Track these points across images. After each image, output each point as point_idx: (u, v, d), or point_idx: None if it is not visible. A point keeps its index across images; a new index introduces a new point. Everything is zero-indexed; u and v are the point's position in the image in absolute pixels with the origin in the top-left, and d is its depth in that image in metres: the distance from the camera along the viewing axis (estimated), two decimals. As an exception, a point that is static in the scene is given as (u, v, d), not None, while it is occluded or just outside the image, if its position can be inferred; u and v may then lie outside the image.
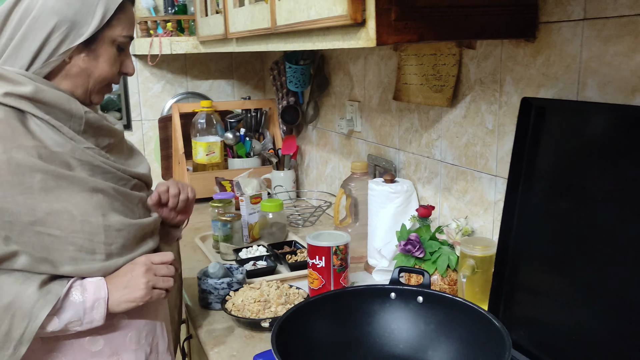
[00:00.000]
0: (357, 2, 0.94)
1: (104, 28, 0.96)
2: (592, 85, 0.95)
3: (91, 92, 1.00)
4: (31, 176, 0.88)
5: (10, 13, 0.92)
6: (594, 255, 0.91)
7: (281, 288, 1.24)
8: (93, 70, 0.98)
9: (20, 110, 0.90)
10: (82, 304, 0.91)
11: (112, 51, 0.99)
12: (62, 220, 0.89)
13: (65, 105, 0.94)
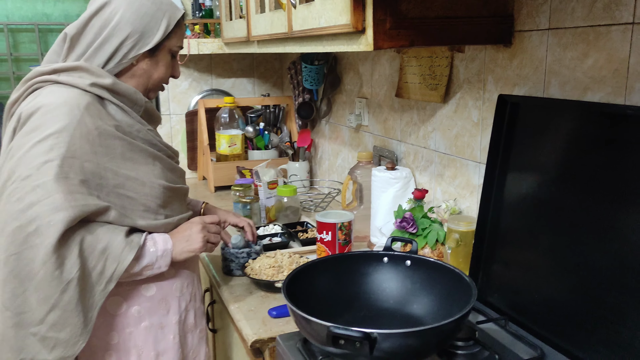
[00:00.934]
0: (358, 14, 1.13)
1: (165, 39, 1.20)
2: (554, 84, 1.13)
3: (149, 90, 1.25)
4: (114, 145, 1.11)
5: (91, 20, 1.15)
6: (557, 229, 1.08)
7: (293, 257, 1.44)
8: (153, 73, 1.22)
9: (100, 97, 1.14)
10: (155, 252, 1.15)
11: (168, 58, 1.24)
12: (136, 185, 1.13)
13: (133, 96, 1.19)
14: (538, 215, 1.14)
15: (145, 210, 1.15)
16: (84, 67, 1.14)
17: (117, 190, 1.11)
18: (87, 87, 1.11)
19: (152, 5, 1.17)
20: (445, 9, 1.16)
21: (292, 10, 1.45)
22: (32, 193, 1.01)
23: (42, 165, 1.02)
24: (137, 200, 1.14)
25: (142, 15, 1.16)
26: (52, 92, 1.11)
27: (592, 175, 1.01)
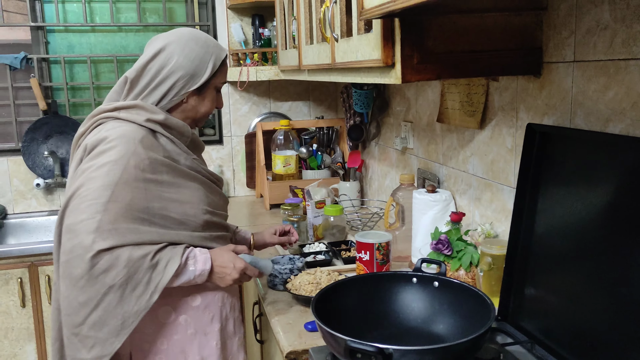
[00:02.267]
0: (388, 50, 1.22)
1: (211, 77, 1.37)
2: (580, 114, 1.16)
3: (197, 121, 1.42)
4: (162, 171, 1.27)
5: (148, 64, 1.32)
6: (588, 255, 1.10)
7: (332, 275, 1.53)
8: (200, 108, 1.39)
9: (154, 130, 1.31)
10: (194, 271, 1.28)
11: (214, 93, 1.41)
12: (178, 206, 1.29)
13: (181, 129, 1.36)
14: (569, 241, 1.17)
15: (186, 229, 1.30)
16: (141, 105, 1.31)
17: (161, 211, 1.26)
18: (143, 122, 1.29)
19: (200, 49, 1.34)
20: (471, 43, 1.22)
21: (334, 44, 1.56)
22: (85, 210, 1.18)
23: (98, 188, 1.19)
24: (179, 220, 1.29)
25: (192, 59, 1.33)
26: (113, 127, 1.28)
27: (618, 205, 1.03)
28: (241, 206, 2.70)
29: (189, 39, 1.34)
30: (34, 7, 2.64)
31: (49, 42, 2.71)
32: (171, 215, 1.28)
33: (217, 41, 1.43)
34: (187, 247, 1.29)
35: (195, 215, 1.32)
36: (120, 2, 2.74)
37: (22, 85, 2.65)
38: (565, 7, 1.17)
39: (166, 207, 1.27)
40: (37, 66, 2.62)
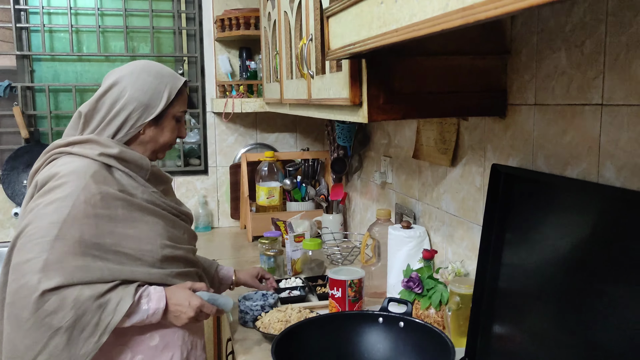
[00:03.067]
0: (355, 89, 1.24)
1: (168, 107, 1.37)
2: (540, 157, 1.18)
3: (157, 152, 1.40)
4: (116, 206, 1.25)
5: (101, 99, 1.33)
6: (553, 298, 1.10)
7: (302, 312, 1.52)
8: (159, 138, 1.38)
9: (109, 165, 1.29)
10: (147, 311, 1.25)
11: (173, 123, 1.39)
12: (133, 242, 1.26)
13: (139, 162, 1.34)
14: (534, 282, 1.17)
15: (143, 265, 1.27)
16: (94, 139, 1.30)
17: (113, 247, 1.24)
18: (96, 156, 1.27)
19: (154, 80, 1.34)
20: (437, 84, 1.24)
21: (310, 80, 1.58)
22: (31, 250, 1.16)
23: (46, 225, 1.17)
24: (134, 256, 1.26)
25: (145, 90, 1.33)
26: (65, 162, 1.27)
27: (578, 247, 1.04)
28: (224, 237, 2.70)
29: (142, 71, 1.35)
30: (20, 36, 2.67)
31: (34, 70, 2.74)
32: (125, 251, 1.25)
33: (173, 71, 1.43)
34: (140, 285, 1.26)
35: (152, 250, 1.29)
36: (108, 32, 2.78)
37: (5, 113, 2.66)
38: (526, 51, 1.19)
39: (119, 243, 1.25)
40: (21, 94, 2.64)
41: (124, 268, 1.24)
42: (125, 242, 1.25)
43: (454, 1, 0.65)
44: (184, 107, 1.43)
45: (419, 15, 0.75)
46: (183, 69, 2.88)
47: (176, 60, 2.88)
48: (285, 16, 1.88)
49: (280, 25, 1.97)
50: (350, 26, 1.03)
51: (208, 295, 1.33)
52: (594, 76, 1.00)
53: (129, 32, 2.77)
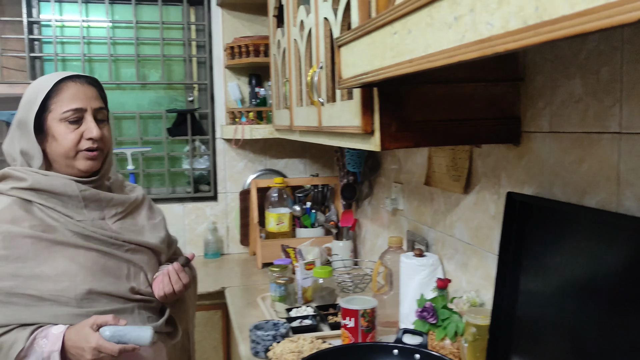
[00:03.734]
0: (367, 118, 1.23)
1: (45, 113, 1.25)
2: (557, 185, 1.16)
3: (69, 165, 1.27)
4: (21, 245, 1.18)
5: None
6: (572, 328, 1.08)
7: (314, 342, 1.49)
8: (58, 148, 1.25)
9: (27, 199, 1.22)
10: (41, 354, 1.15)
11: (62, 128, 1.24)
12: (40, 282, 1.18)
13: (59, 189, 1.23)
14: (551, 311, 1.14)
15: (53, 305, 1.18)
16: (8, 173, 1.25)
17: (15, 290, 1.16)
18: (8, 191, 1.22)
19: (31, 91, 1.26)
20: (450, 112, 1.23)
21: (321, 107, 1.58)
22: None
23: None
24: (41, 297, 1.18)
25: (22, 106, 1.26)
26: None
27: (596, 276, 1.02)
28: (234, 264, 2.68)
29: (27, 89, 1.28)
30: (33, 65, 2.71)
31: (49, 100, 2.77)
32: (30, 292, 1.17)
33: (58, 73, 1.30)
34: (40, 326, 1.17)
35: (67, 288, 1.19)
36: (119, 60, 2.80)
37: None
38: (540, 78, 1.18)
39: (23, 285, 1.17)
40: (36, 123, 2.66)
41: (23, 312, 1.16)
42: (32, 282, 1.18)
43: (471, 33, 0.65)
44: (73, 104, 1.25)
45: (434, 46, 0.75)
46: (193, 95, 2.90)
47: (186, 87, 2.90)
48: (295, 44, 1.89)
49: (290, 52, 1.98)
50: (362, 56, 1.03)
51: (112, 331, 1.15)
52: (611, 104, 0.99)
53: (140, 60, 2.80)
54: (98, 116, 1.30)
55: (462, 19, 0.66)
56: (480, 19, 0.62)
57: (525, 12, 0.54)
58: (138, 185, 1.50)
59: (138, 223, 1.38)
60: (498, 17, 0.59)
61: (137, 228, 1.37)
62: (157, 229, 1.44)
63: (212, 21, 2.81)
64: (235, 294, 2.17)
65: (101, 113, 1.31)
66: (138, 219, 1.39)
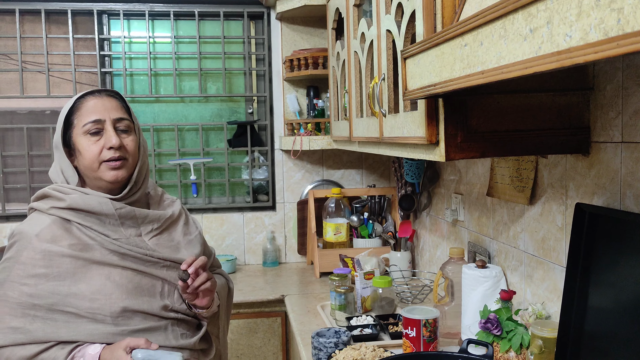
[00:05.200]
0: (432, 128, 1.24)
1: (69, 130, 1.31)
2: (629, 196, 1.13)
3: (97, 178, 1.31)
4: (60, 263, 1.23)
5: None
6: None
7: (377, 351, 1.50)
8: (83, 162, 1.30)
9: (66, 218, 1.27)
10: None
11: (85, 141, 1.29)
12: (78, 300, 1.23)
13: (96, 209, 1.27)
14: (623, 325, 1.12)
15: (91, 321, 1.23)
16: (47, 192, 1.30)
17: (54, 307, 1.21)
18: (48, 210, 1.27)
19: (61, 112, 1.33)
20: (516, 123, 1.23)
21: (382, 119, 1.60)
22: None
23: None
24: (78, 315, 1.22)
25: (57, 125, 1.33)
26: (29, 219, 1.30)
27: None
28: (292, 273, 2.72)
29: None
30: (104, 80, 2.85)
31: (118, 113, 2.90)
32: (68, 310, 1.22)
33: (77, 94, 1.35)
34: (79, 345, 1.21)
35: (102, 307, 1.23)
36: (183, 74, 2.92)
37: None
38: (611, 88, 1.17)
39: (62, 302, 1.21)
40: (106, 135, 2.80)
41: (62, 329, 1.20)
42: (70, 300, 1.22)
43: (548, 44, 0.66)
44: (91, 117, 1.29)
45: (507, 57, 0.76)
46: (253, 107, 2.98)
47: (246, 99, 2.98)
48: (355, 56, 1.92)
49: (349, 64, 2.01)
50: (429, 67, 1.05)
51: (144, 354, 1.18)
52: (688, 113, 0.97)
53: (202, 74, 2.90)
54: (119, 126, 1.32)
55: (538, 30, 0.67)
56: (558, 30, 0.62)
57: (606, 24, 0.55)
58: (177, 198, 1.53)
59: (174, 239, 1.40)
60: (577, 29, 0.59)
61: (173, 244, 1.39)
62: (192, 245, 1.44)
63: (271, 35, 2.88)
64: (295, 302, 2.21)
65: (122, 123, 1.33)
66: (174, 235, 1.41)
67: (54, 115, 2.85)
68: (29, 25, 2.78)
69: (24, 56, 2.75)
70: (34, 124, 2.78)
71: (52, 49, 2.80)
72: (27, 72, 2.78)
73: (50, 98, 2.80)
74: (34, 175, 2.81)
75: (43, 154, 2.80)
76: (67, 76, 2.82)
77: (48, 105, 2.85)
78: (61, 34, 2.80)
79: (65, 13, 2.74)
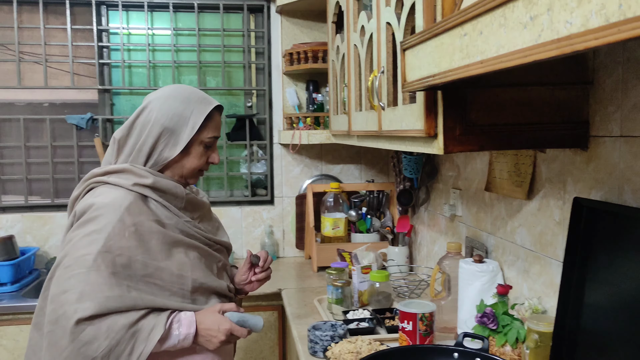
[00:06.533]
0: (430, 121, 1.24)
1: (195, 133, 1.35)
2: (627, 191, 1.13)
3: (186, 177, 1.40)
4: (149, 238, 1.27)
5: (133, 123, 1.36)
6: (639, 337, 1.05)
7: (372, 344, 1.50)
8: (185, 164, 1.37)
9: (144, 195, 1.32)
10: (178, 336, 1.27)
11: (200, 149, 1.38)
12: (165, 274, 1.29)
13: (173, 190, 1.35)
14: (620, 320, 1.12)
15: (173, 295, 1.30)
16: (129, 169, 1.32)
17: (145, 279, 1.26)
18: (131, 187, 1.29)
19: (180, 104, 1.34)
20: (515, 116, 1.22)
21: (381, 112, 1.59)
22: (67, 281, 1.19)
23: (81, 257, 1.21)
24: (164, 287, 1.28)
25: (171, 116, 1.33)
26: (102, 193, 1.30)
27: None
28: (290, 267, 2.71)
29: (169, 96, 1.35)
30: (102, 72, 2.84)
31: (114, 104, 2.90)
32: (156, 282, 1.27)
33: (204, 96, 1.40)
34: (172, 311, 1.28)
35: (184, 283, 1.31)
36: (182, 67, 2.91)
37: (87, 144, 2.82)
38: (611, 82, 1.16)
39: (152, 274, 1.27)
40: (101, 126, 2.79)
41: (156, 298, 1.26)
42: (157, 273, 1.27)
43: (548, 32, 0.65)
44: (215, 132, 1.40)
45: (507, 46, 0.75)
46: (252, 101, 2.97)
47: (245, 93, 2.98)
48: (355, 49, 1.91)
49: (349, 58, 2.01)
50: (428, 58, 1.04)
51: (238, 317, 1.31)
52: (688, 107, 0.96)
53: (201, 67, 2.89)
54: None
55: (539, 18, 0.66)
56: (559, 17, 0.62)
57: (607, 9, 0.54)
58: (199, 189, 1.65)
59: (213, 224, 1.51)
60: (578, 16, 0.59)
61: (214, 229, 1.50)
62: (222, 231, 1.56)
63: (271, 28, 2.87)
64: (292, 295, 2.21)
65: None
66: (212, 221, 1.52)
67: (52, 108, 2.84)
68: (27, 15, 2.77)
69: (22, 47, 2.74)
70: (31, 115, 2.78)
71: (49, 39, 2.79)
72: (25, 62, 2.77)
73: (48, 89, 2.79)
74: (31, 167, 2.80)
75: (40, 146, 2.79)
76: (65, 67, 2.81)
77: (46, 96, 2.84)
78: (59, 24, 2.78)
79: (63, 3, 2.73)
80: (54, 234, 2.78)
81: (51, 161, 2.79)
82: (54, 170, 2.81)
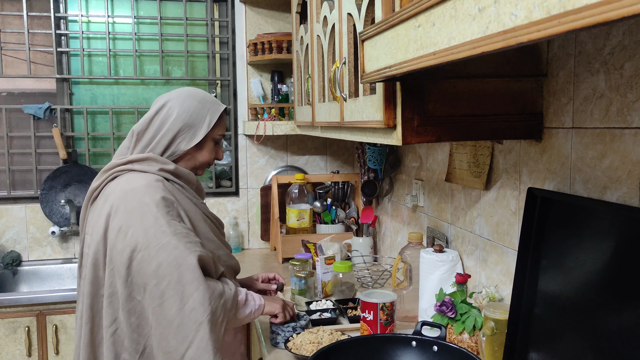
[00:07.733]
0: (389, 112, 1.24)
1: (209, 130, 1.48)
2: (578, 181, 1.16)
3: (196, 169, 1.53)
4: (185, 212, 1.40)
5: (152, 119, 1.47)
6: (592, 322, 1.08)
7: (334, 334, 1.51)
8: (198, 157, 1.52)
9: (165, 179, 1.42)
10: (254, 305, 1.45)
11: (211, 145, 1.53)
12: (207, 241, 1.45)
13: (188, 176, 1.50)
14: (571, 306, 1.15)
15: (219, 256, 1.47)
16: (152, 157, 1.43)
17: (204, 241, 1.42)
18: (157, 172, 1.41)
19: (198, 104, 1.49)
20: (472, 107, 1.24)
21: (343, 103, 1.59)
22: (157, 255, 1.28)
23: (157, 231, 1.29)
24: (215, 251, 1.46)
25: (190, 113, 1.47)
26: (131, 179, 1.39)
27: (616, 271, 1.02)
28: (255, 258, 2.71)
29: (187, 96, 1.50)
30: (60, 60, 2.77)
31: (73, 93, 2.83)
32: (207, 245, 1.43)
33: (215, 99, 1.57)
34: None
35: (215, 248, 1.47)
36: (144, 56, 2.85)
37: (45, 134, 2.75)
38: (563, 74, 1.19)
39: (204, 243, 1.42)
40: (60, 116, 2.73)
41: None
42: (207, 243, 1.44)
43: (495, 24, 0.66)
44: (223, 131, 1.56)
45: (457, 38, 0.76)
46: (216, 92, 2.94)
47: (209, 83, 2.94)
48: (318, 40, 1.91)
49: (312, 49, 2.00)
50: (385, 49, 1.04)
51: None
52: (635, 99, 0.99)
53: (164, 56, 2.84)
54: None
55: (486, 10, 0.67)
56: (505, 9, 0.63)
57: (549, 2, 0.55)
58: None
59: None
60: (522, 8, 0.60)
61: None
62: None
63: (235, 18, 2.84)
64: (255, 287, 2.20)
65: None
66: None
67: (8, 97, 2.75)
68: (-18, 1, 2.67)
69: (-24, 34, 2.65)
70: (-13, 105, 2.69)
71: (4, 27, 2.70)
72: (-20, 50, 2.68)
73: (4, 78, 2.70)
74: (-13, 158, 2.72)
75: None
76: (21, 55, 2.73)
77: (2, 85, 2.75)
78: (15, 11, 2.70)
79: (20, -10, 2.65)
80: (11, 227, 2.71)
81: (7, 152, 2.71)
82: (11, 162, 2.73)
